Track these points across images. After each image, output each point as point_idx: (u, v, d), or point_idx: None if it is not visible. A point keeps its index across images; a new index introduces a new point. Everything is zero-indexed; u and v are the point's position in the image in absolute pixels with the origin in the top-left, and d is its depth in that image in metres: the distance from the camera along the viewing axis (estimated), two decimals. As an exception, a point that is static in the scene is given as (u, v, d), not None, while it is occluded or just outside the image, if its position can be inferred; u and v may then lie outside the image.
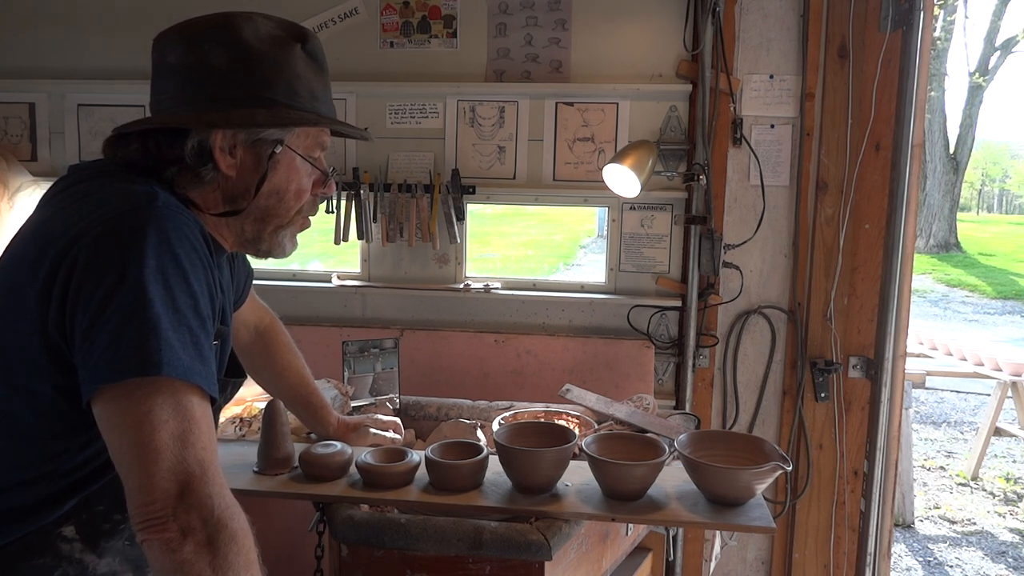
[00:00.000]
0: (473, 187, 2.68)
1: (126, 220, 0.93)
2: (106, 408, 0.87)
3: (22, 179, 2.87)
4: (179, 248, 0.93)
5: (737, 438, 1.53)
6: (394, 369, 2.09)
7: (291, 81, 1.07)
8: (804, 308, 2.59)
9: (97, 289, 0.88)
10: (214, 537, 0.85)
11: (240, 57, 1.05)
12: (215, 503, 0.86)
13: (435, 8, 2.68)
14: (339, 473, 1.48)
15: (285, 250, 1.16)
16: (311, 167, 1.14)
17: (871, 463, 2.55)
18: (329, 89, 1.15)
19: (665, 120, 2.61)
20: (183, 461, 0.85)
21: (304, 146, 1.12)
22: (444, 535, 1.34)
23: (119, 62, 2.85)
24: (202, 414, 0.89)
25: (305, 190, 1.14)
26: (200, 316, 0.93)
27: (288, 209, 1.13)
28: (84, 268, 0.89)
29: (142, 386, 0.86)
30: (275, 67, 1.06)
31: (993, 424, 4.48)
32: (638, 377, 2.59)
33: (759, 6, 2.54)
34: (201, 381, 0.90)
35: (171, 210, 0.97)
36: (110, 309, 0.87)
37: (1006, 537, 3.87)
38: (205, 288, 0.96)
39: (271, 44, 1.07)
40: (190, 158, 1.04)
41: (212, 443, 0.90)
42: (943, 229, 16.96)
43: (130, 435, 0.86)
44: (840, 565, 2.63)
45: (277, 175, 1.10)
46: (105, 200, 0.97)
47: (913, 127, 2.41)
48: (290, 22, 1.13)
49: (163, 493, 0.84)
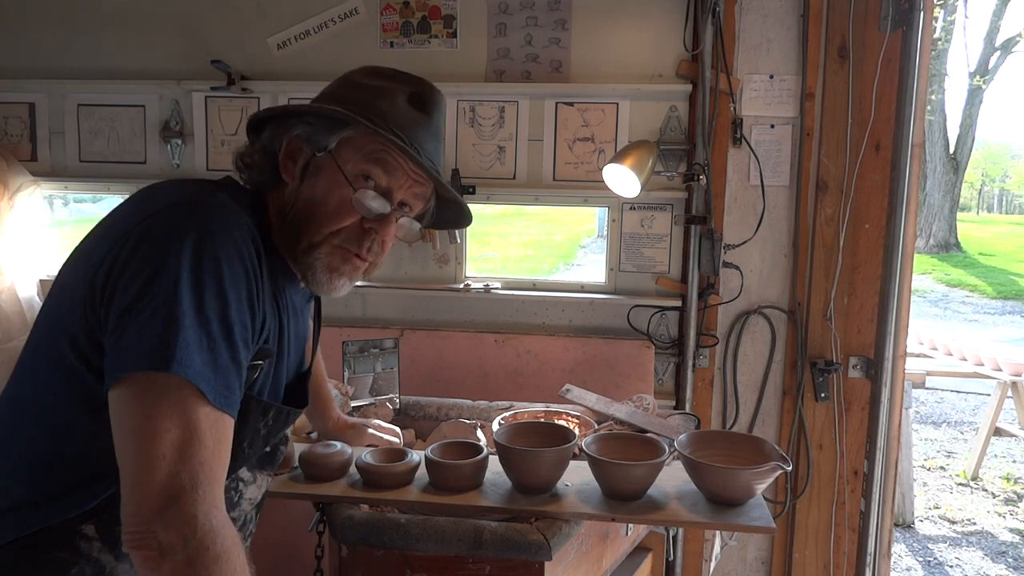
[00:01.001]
0: (473, 187, 2.68)
1: (174, 215, 0.93)
2: (118, 400, 0.87)
3: (22, 179, 2.87)
4: (221, 251, 0.91)
5: (737, 438, 1.53)
6: (394, 369, 2.09)
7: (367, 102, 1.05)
8: (804, 308, 2.59)
9: (134, 280, 0.89)
10: (194, 559, 0.82)
11: (341, 83, 1.11)
12: (199, 523, 0.83)
13: (435, 8, 2.68)
14: (339, 473, 1.48)
15: (318, 278, 1.06)
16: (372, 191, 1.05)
17: (871, 463, 2.55)
18: (429, 136, 1.09)
19: (665, 120, 2.61)
20: (176, 475, 0.83)
21: (355, 162, 1.04)
22: (444, 535, 1.34)
23: (119, 62, 2.85)
24: (210, 426, 0.87)
25: (346, 211, 1.04)
26: (227, 326, 0.90)
27: (320, 226, 1.04)
28: (127, 258, 0.90)
29: (154, 383, 0.85)
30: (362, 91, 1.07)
31: (993, 424, 4.48)
32: (638, 377, 2.59)
33: (759, 6, 2.54)
34: (207, 388, 0.87)
35: (224, 211, 0.95)
36: (142, 302, 0.87)
37: (1006, 537, 3.87)
38: (244, 298, 0.93)
39: (377, 79, 1.09)
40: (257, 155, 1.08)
41: (215, 458, 0.87)
42: (943, 229, 16.96)
43: (131, 437, 0.85)
44: (840, 565, 2.63)
45: (314, 183, 1.04)
46: (167, 195, 0.98)
47: (913, 127, 2.42)
48: (415, 75, 1.13)
49: (149, 507, 0.82)
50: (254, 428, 1.09)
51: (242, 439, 1.07)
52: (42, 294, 2.96)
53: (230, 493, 1.14)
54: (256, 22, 2.76)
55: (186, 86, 2.78)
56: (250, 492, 1.18)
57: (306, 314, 1.21)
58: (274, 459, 1.23)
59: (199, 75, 2.75)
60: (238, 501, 1.16)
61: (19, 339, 2.82)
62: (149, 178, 2.87)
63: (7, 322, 2.81)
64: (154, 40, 2.83)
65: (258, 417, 1.08)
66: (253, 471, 1.18)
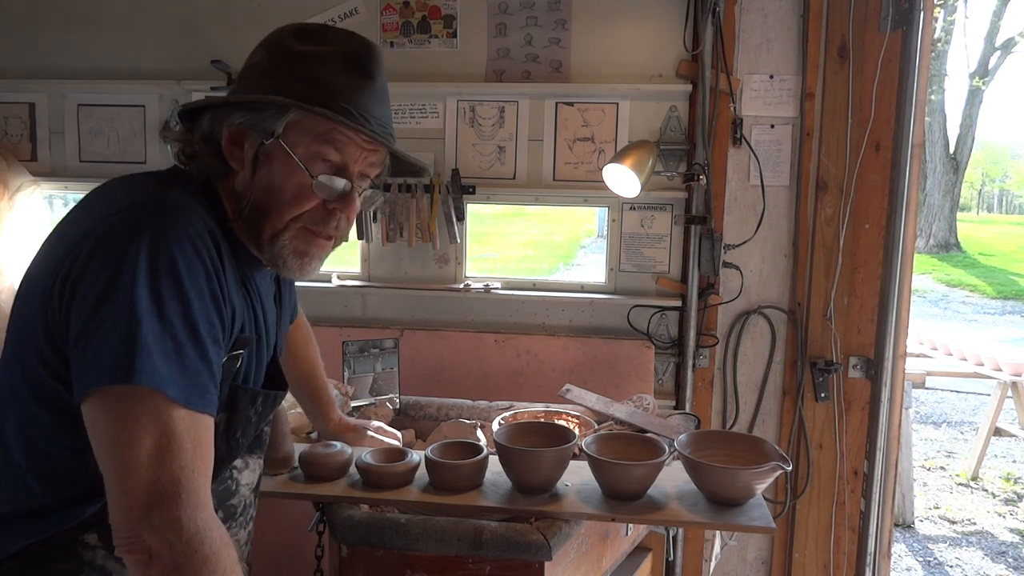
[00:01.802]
0: (473, 187, 2.68)
1: (125, 219, 0.91)
2: (90, 415, 0.86)
3: (22, 179, 2.87)
4: (176, 251, 0.89)
5: (737, 438, 1.53)
6: (394, 369, 2.09)
7: (305, 76, 1.00)
8: (804, 308, 2.59)
9: (91, 290, 0.87)
10: (182, 563, 0.82)
11: (270, 54, 1.04)
12: (184, 526, 0.82)
13: (435, 8, 2.68)
14: (339, 473, 1.48)
15: (288, 265, 1.04)
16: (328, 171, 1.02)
17: (871, 463, 2.55)
18: (376, 101, 1.04)
19: (665, 120, 2.61)
20: (157, 480, 0.83)
21: (306, 144, 1.00)
22: (444, 535, 1.34)
23: (119, 62, 2.85)
24: (187, 429, 0.85)
25: (306, 195, 1.01)
26: (191, 325, 0.89)
27: (281, 212, 1.01)
28: (82, 267, 0.88)
29: (121, 395, 0.84)
30: (296, 63, 1.01)
31: (993, 424, 4.48)
32: (638, 377, 2.59)
33: (759, 6, 2.54)
34: (176, 392, 0.85)
35: (176, 208, 0.93)
36: (101, 312, 0.86)
37: (1006, 537, 3.86)
38: (207, 295, 0.92)
39: (307, 44, 1.02)
40: (199, 144, 1.03)
41: (196, 460, 0.86)
42: (943, 229, 16.96)
43: (108, 448, 0.84)
44: (840, 565, 2.63)
45: (268, 170, 1.00)
46: (117, 197, 0.97)
47: (913, 127, 2.41)
48: (350, 32, 1.07)
49: (134, 513, 0.82)
50: (245, 417, 1.09)
51: (235, 430, 1.07)
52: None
53: (227, 483, 1.15)
54: (256, 22, 2.76)
55: (186, 86, 2.78)
56: (245, 478, 1.19)
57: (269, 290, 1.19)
58: (262, 442, 1.23)
59: (199, 75, 2.75)
60: (236, 489, 1.17)
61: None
62: (149, 178, 2.87)
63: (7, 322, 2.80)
64: (154, 40, 2.83)
65: (247, 405, 1.09)
66: (244, 457, 1.18)
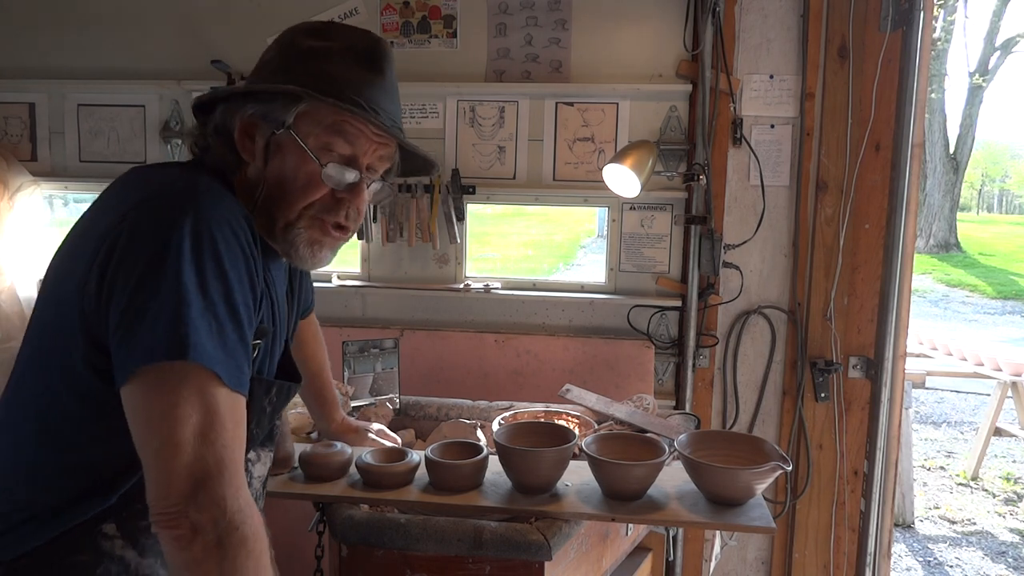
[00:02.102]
0: (473, 187, 2.68)
1: (166, 203, 0.92)
2: (134, 394, 0.87)
3: (22, 179, 2.87)
4: (216, 231, 0.90)
5: (737, 438, 1.53)
6: (394, 369, 2.09)
7: (314, 69, 1.02)
8: (804, 308, 2.59)
9: (133, 271, 0.88)
10: (224, 539, 0.83)
11: (282, 51, 1.05)
12: (228, 504, 0.84)
13: (435, 8, 2.68)
14: (339, 473, 1.48)
15: (301, 255, 1.06)
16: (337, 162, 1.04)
17: (871, 463, 2.55)
18: (386, 95, 1.07)
19: (665, 120, 2.61)
20: (201, 459, 0.84)
21: (316, 135, 1.02)
22: (444, 535, 1.34)
23: (119, 62, 2.85)
24: (228, 408, 0.87)
25: (316, 185, 1.03)
26: (231, 306, 0.90)
27: (292, 202, 1.03)
28: (123, 250, 0.89)
29: (171, 373, 0.85)
30: (309, 58, 1.03)
31: (993, 424, 4.48)
32: (638, 377, 2.59)
33: (759, 6, 2.54)
34: (222, 371, 0.87)
35: (213, 195, 0.95)
36: (145, 293, 0.87)
37: (1006, 537, 3.87)
38: (245, 277, 0.93)
39: (318, 40, 1.04)
40: (211, 136, 1.04)
41: (235, 440, 0.88)
42: (943, 229, 16.96)
43: (153, 427, 0.85)
44: (840, 565, 2.63)
45: (282, 161, 1.02)
46: (150, 183, 0.98)
47: (913, 127, 2.41)
48: (362, 30, 1.09)
49: (178, 490, 0.83)
50: (260, 408, 1.09)
51: (250, 420, 1.07)
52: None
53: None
54: (256, 22, 2.76)
55: (186, 86, 2.78)
56: (258, 471, 1.20)
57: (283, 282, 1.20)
58: (273, 435, 1.24)
59: (199, 75, 2.75)
60: (250, 481, 1.17)
61: (19, 339, 2.82)
62: (149, 178, 2.87)
63: (7, 322, 2.81)
64: (154, 40, 2.83)
65: (262, 396, 1.09)
66: (257, 450, 1.19)
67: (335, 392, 1.68)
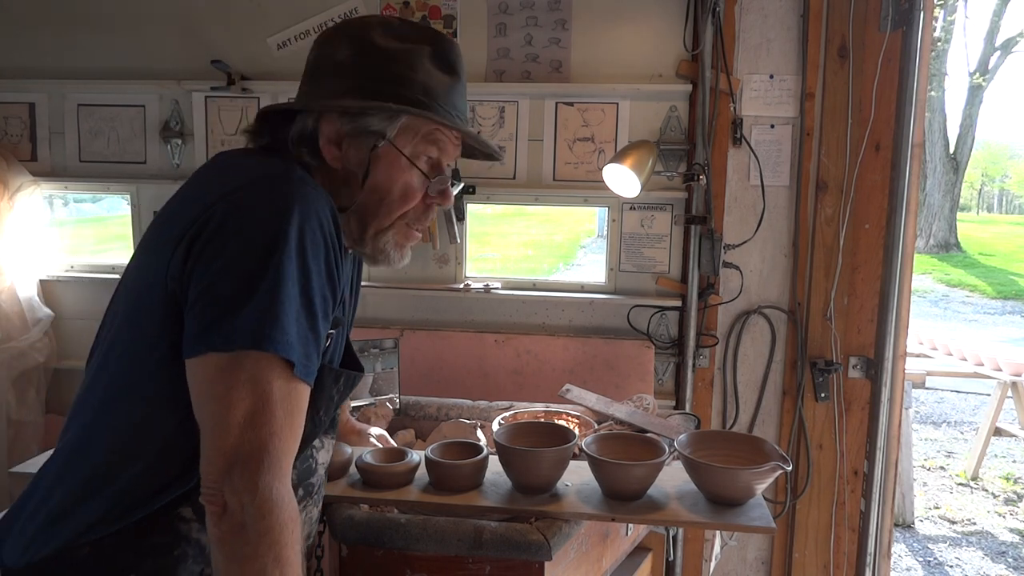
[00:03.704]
0: (473, 187, 2.68)
1: (259, 189, 0.94)
2: (201, 370, 0.88)
3: (22, 179, 2.87)
4: (305, 223, 0.92)
5: (737, 438, 1.53)
6: (394, 369, 2.09)
7: (405, 76, 1.04)
8: (804, 308, 2.59)
9: (224, 249, 0.89)
10: (249, 524, 0.85)
11: (360, 52, 1.05)
12: (259, 491, 0.85)
13: (435, 8, 2.68)
14: (339, 473, 1.48)
15: (390, 258, 1.11)
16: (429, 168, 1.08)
17: (871, 463, 2.55)
18: (458, 96, 1.10)
19: (665, 120, 2.61)
20: (245, 443, 0.86)
21: (413, 145, 1.07)
22: (444, 535, 1.34)
23: (119, 62, 2.85)
24: (283, 396, 0.89)
25: (413, 194, 1.08)
26: (308, 295, 0.92)
27: (390, 211, 1.08)
28: (217, 227, 0.91)
29: (243, 359, 0.87)
30: (391, 61, 1.04)
31: (993, 424, 4.48)
32: (638, 377, 2.59)
33: (759, 6, 2.54)
34: (296, 360, 0.89)
35: (308, 184, 0.97)
36: (233, 273, 0.88)
37: (1006, 537, 3.87)
38: (323, 268, 0.95)
39: (396, 42, 1.05)
40: (293, 143, 1.05)
41: (285, 429, 0.89)
42: (943, 229, 16.96)
43: (210, 406, 0.88)
44: (840, 565, 2.63)
45: (379, 172, 1.06)
46: (246, 168, 1.01)
47: (913, 127, 2.42)
48: (428, 27, 1.11)
49: (217, 468, 0.86)
50: (329, 396, 1.11)
51: (319, 407, 1.09)
52: (42, 294, 2.95)
53: (308, 462, 1.16)
54: (256, 22, 2.76)
55: (186, 86, 2.78)
56: (322, 457, 1.21)
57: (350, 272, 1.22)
58: (335, 423, 1.26)
59: (199, 75, 2.75)
60: (315, 468, 1.18)
61: (19, 339, 2.82)
62: (149, 178, 2.88)
63: (7, 322, 2.81)
64: (154, 40, 2.83)
65: (331, 384, 1.11)
66: (322, 437, 1.20)
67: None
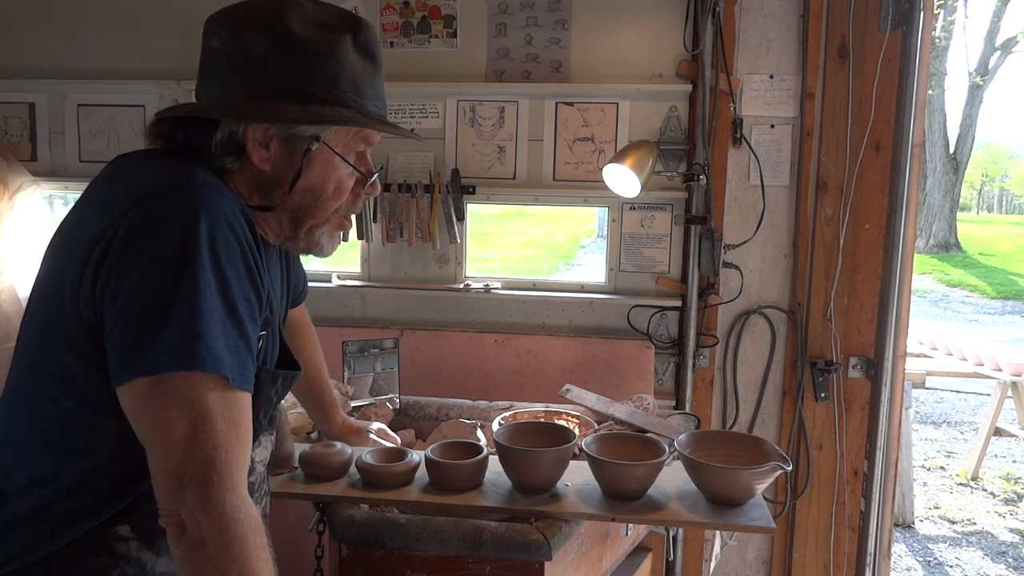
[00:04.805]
0: (473, 187, 2.68)
1: (163, 201, 0.91)
2: (133, 396, 0.87)
3: (22, 179, 2.87)
4: (215, 230, 0.89)
5: (737, 438, 1.53)
6: (394, 369, 2.09)
7: (333, 74, 1.00)
8: (804, 308, 2.59)
9: (132, 271, 0.87)
10: (208, 541, 0.84)
11: (280, 46, 0.99)
12: (212, 506, 0.84)
13: (435, 8, 2.68)
14: (339, 473, 1.48)
15: (323, 249, 1.11)
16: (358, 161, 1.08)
17: (871, 463, 2.54)
18: (380, 84, 1.08)
19: (665, 120, 2.61)
20: (191, 461, 0.84)
21: (345, 143, 1.05)
22: (444, 535, 1.34)
23: (119, 62, 2.85)
24: (222, 408, 0.87)
25: (345, 189, 1.08)
26: (229, 302, 0.90)
27: (325, 208, 1.07)
28: (122, 246, 0.88)
29: (170, 380, 0.85)
30: (316, 58, 1.00)
31: (993, 424, 4.48)
32: (638, 377, 2.59)
33: (759, 6, 2.54)
34: (229, 372, 0.87)
35: (212, 189, 0.94)
36: (146, 295, 0.86)
37: (1006, 537, 3.87)
38: (244, 271, 0.93)
39: (317, 32, 1.00)
40: (217, 148, 1.00)
41: (231, 439, 0.87)
42: (943, 229, 16.96)
43: (150, 430, 0.86)
44: (840, 565, 2.63)
45: (313, 172, 1.04)
46: (145, 178, 0.96)
47: (913, 127, 2.41)
48: (343, 10, 1.05)
49: (169, 489, 0.85)
50: (267, 398, 1.10)
51: (258, 410, 1.07)
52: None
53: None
54: (256, 22, 2.75)
55: (186, 86, 2.78)
56: (259, 455, 1.20)
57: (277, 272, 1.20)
58: (272, 419, 1.25)
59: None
60: (253, 466, 1.17)
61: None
62: (149, 178, 2.87)
63: (7, 322, 2.81)
64: (154, 40, 2.83)
65: (268, 386, 1.09)
66: (260, 437, 1.19)
67: (333, 394, 1.68)
